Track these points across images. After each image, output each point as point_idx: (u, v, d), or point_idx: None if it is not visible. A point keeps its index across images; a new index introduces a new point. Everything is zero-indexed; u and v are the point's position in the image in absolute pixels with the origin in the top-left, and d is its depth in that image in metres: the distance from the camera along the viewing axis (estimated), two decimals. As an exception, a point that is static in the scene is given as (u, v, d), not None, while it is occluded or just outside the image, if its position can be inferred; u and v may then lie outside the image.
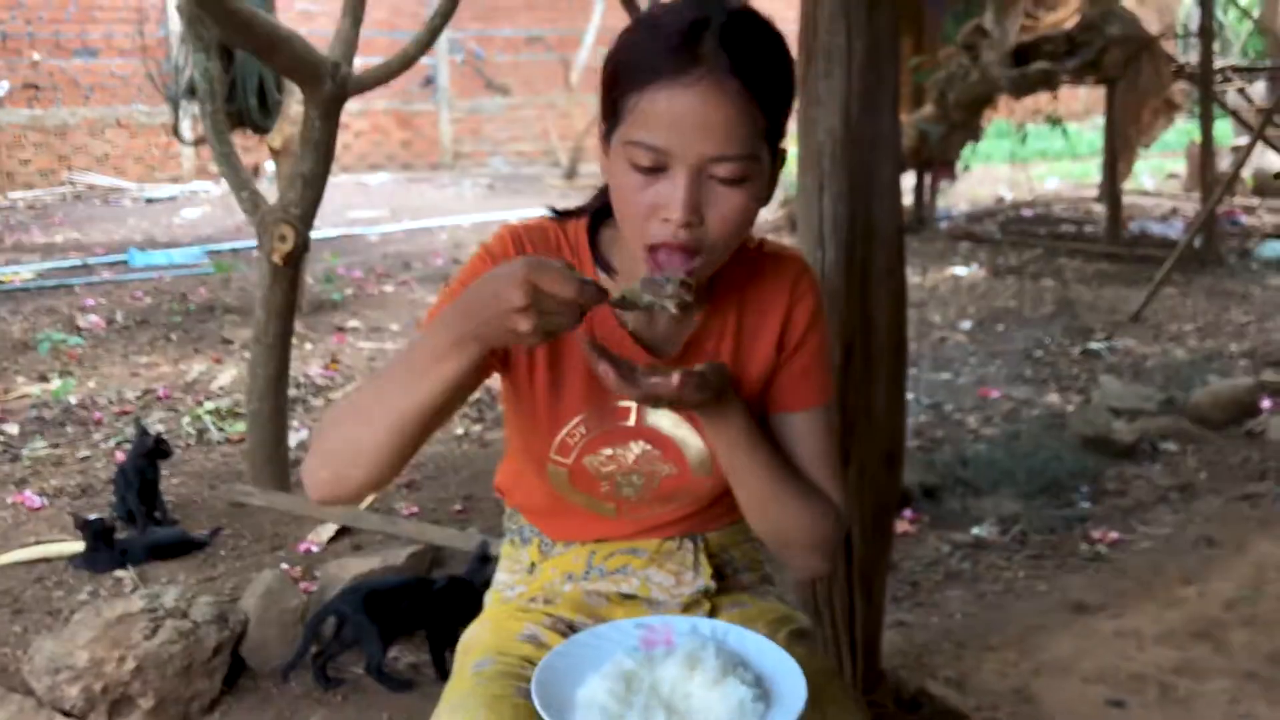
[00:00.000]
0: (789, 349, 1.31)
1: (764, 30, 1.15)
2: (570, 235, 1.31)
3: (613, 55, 1.17)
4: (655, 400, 1.13)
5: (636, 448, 1.31)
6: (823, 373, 1.34)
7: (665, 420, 1.31)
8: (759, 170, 1.16)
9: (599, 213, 1.31)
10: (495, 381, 1.36)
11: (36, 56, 11.59)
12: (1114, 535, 3.22)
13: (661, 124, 1.11)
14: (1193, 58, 7.83)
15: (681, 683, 1.13)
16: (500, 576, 1.48)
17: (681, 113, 1.10)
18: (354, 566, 2.78)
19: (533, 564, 1.42)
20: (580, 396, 1.28)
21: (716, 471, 1.31)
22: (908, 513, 3.31)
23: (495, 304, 1.03)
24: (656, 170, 1.13)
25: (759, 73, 1.13)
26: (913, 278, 6.74)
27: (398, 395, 1.13)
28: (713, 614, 1.38)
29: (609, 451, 1.31)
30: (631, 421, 1.30)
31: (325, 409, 1.12)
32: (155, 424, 4.10)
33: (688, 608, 1.37)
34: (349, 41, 3.27)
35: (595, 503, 1.35)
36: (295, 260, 3.27)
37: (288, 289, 3.31)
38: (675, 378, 1.11)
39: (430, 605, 2.52)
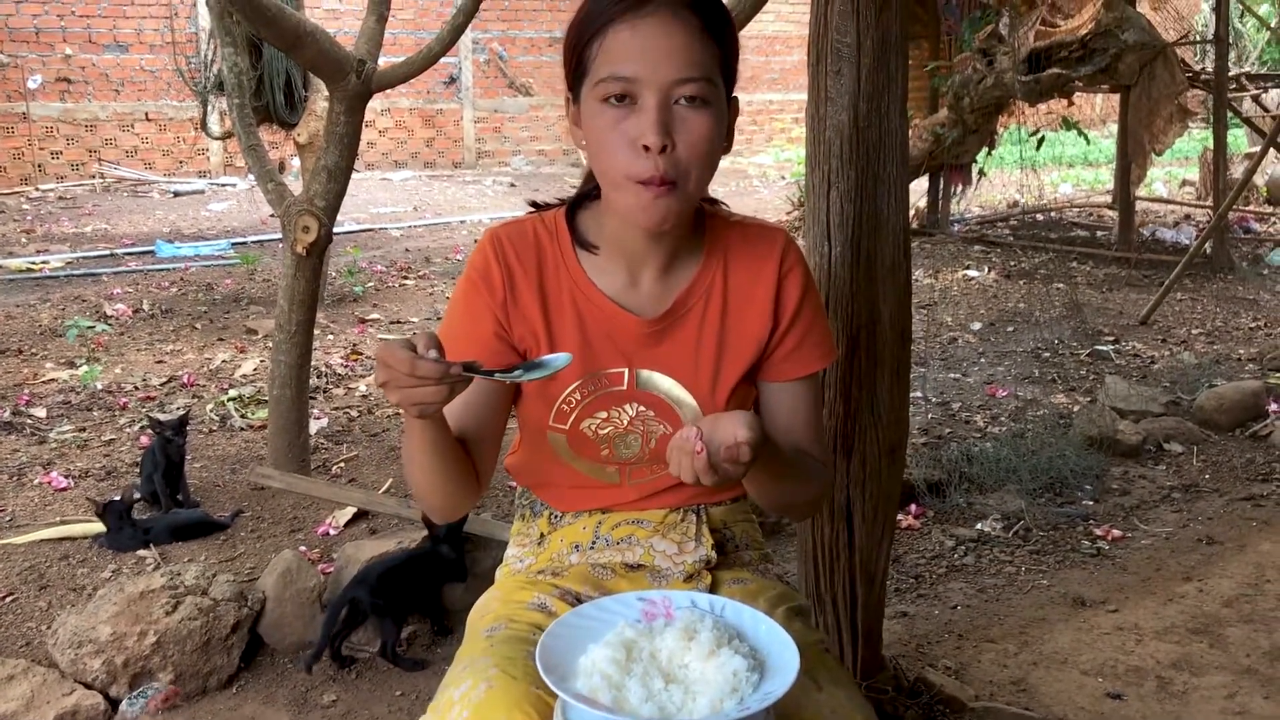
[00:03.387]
0: (782, 325, 1.39)
1: None
2: (550, 224, 1.39)
3: (573, 21, 1.27)
4: (728, 478, 1.19)
5: (631, 409, 1.38)
6: (815, 341, 1.41)
7: (661, 382, 1.37)
8: (719, 99, 1.25)
9: (577, 199, 1.40)
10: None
11: (69, 51, 11.75)
12: (1116, 532, 3.26)
13: (626, 55, 1.21)
14: (1208, 65, 7.84)
15: (679, 653, 1.17)
16: (510, 550, 1.54)
17: (643, 41, 1.21)
18: (370, 548, 2.84)
19: (542, 535, 1.48)
20: (575, 365, 1.35)
21: None
22: (913, 507, 3.36)
23: None
24: (626, 101, 1.22)
25: (708, 8, 1.24)
26: (925, 279, 6.78)
27: (410, 447, 1.28)
28: (714, 588, 1.43)
29: (604, 414, 1.37)
30: (625, 385, 1.37)
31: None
32: (178, 410, 4.18)
33: (690, 577, 1.42)
34: (374, 38, 3.34)
35: (597, 468, 1.42)
36: (318, 251, 3.34)
37: (310, 278, 3.39)
38: (744, 453, 1.15)
39: (439, 572, 2.62)
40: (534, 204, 1.45)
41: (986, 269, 7.33)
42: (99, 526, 3.13)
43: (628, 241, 1.34)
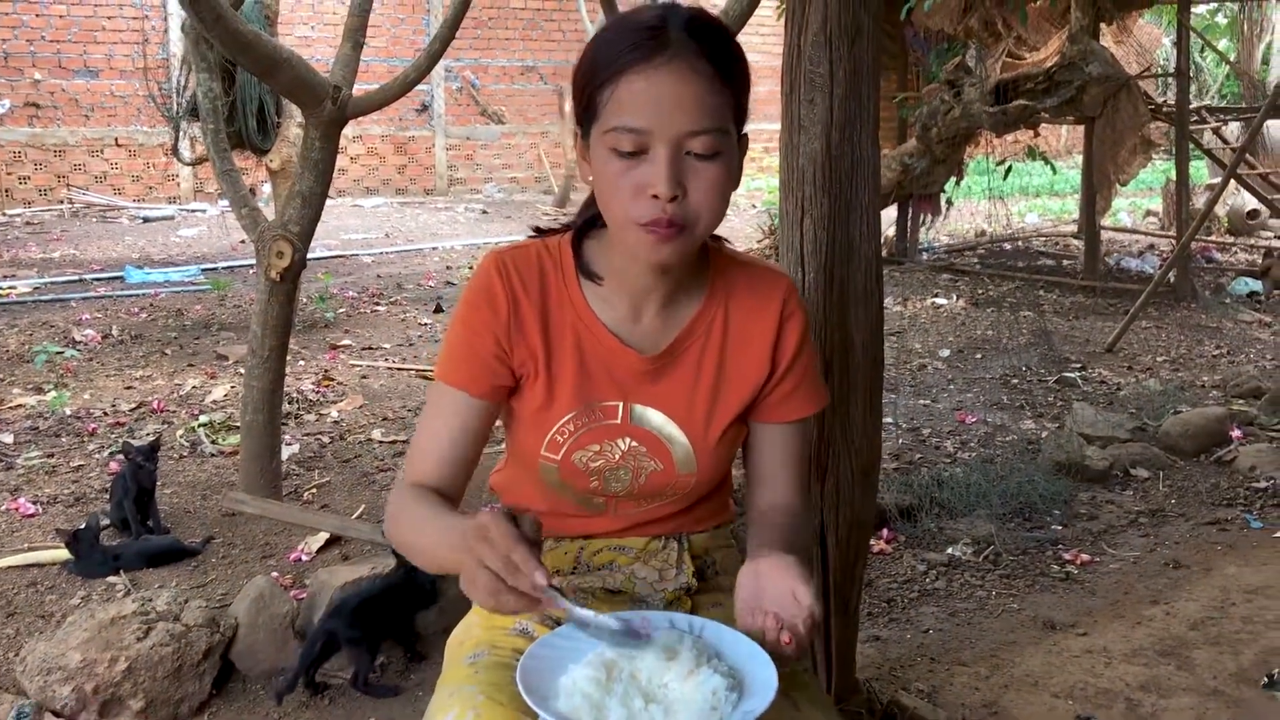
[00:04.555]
0: (779, 370, 1.39)
1: (719, 23, 1.27)
2: (554, 250, 1.38)
3: (584, 58, 1.25)
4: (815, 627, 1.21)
5: (623, 444, 1.37)
6: (809, 387, 1.42)
7: (654, 418, 1.37)
8: (730, 146, 1.24)
9: (584, 225, 1.39)
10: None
11: (38, 76, 11.69)
12: (1084, 557, 3.30)
13: (639, 105, 1.19)
14: (1170, 98, 8.01)
15: (659, 672, 1.17)
16: (489, 575, 1.54)
17: (657, 93, 1.19)
18: (344, 574, 2.83)
19: (523, 560, 1.49)
20: (571, 395, 1.35)
21: (700, 469, 1.39)
22: (885, 532, 3.38)
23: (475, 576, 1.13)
24: (638, 154, 1.20)
25: (721, 53, 1.22)
26: (894, 307, 6.85)
27: (425, 557, 1.31)
28: (693, 612, 1.43)
29: (596, 447, 1.37)
30: (619, 419, 1.37)
31: (389, 508, 1.32)
32: (148, 436, 4.15)
33: (670, 604, 1.43)
34: (350, 65, 3.35)
35: (586, 498, 1.41)
36: (292, 276, 3.34)
37: (284, 304, 3.38)
38: (818, 613, 1.19)
39: (413, 600, 2.62)
40: (537, 229, 1.44)
41: (955, 297, 7.42)
42: (67, 553, 3.09)
43: (632, 275, 1.33)
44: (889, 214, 8.35)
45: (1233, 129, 10.12)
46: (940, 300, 7.32)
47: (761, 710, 1.11)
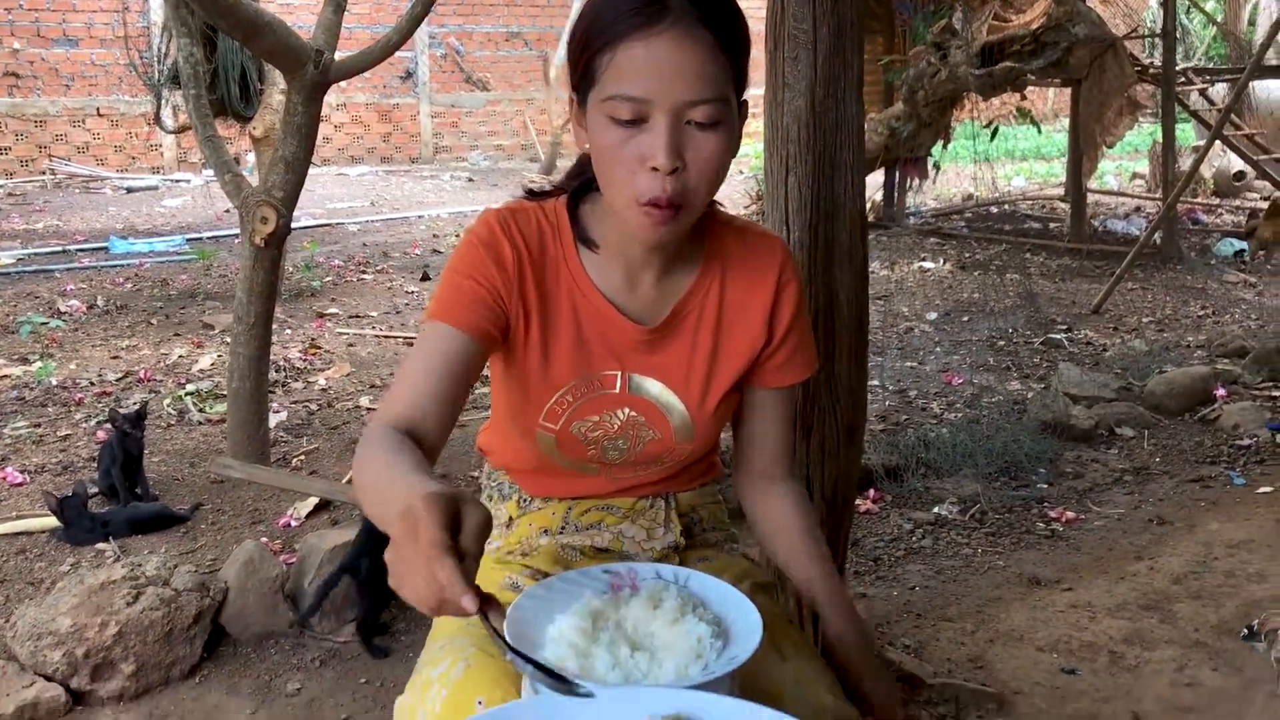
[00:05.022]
0: (775, 338, 1.38)
1: None
2: (550, 213, 1.34)
3: (581, 21, 1.22)
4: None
5: (622, 414, 1.36)
6: (803, 354, 1.41)
7: (652, 387, 1.36)
8: (731, 115, 1.21)
9: (579, 189, 1.36)
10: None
11: (17, 45, 11.56)
12: (1070, 514, 3.33)
13: (638, 74, 1.16)
14: (1157, 59, 7.99)
15: (645, 621, 1.18)
16: (479, 531, 1.54)
17: (657, 61, 1.15)
18: (333, 538, 2.84)
19: (510, 518, 1.47)
20: (569, 365, 1.33)
21: (697, 436, 1.38)
22: (871, 492, 3.41)
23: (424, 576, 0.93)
24: (636, 122, 1.17)
25: (722, 19, 1.19)
26: (881, 270, 6.86)
27: (367, 507, 1.14)
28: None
29: (595, 418, 1.35)
30: (618, 389, 1.35)
31: (357, 448, 1.20)
32: (135, 405, 4.14)
33: (657, 561, 1.43)
34: (331, 29, 3.33)
35: (581, 465, 1.40)
36: (277, 242, 3.32)
37: (269, 270, 3.37)
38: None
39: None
40: (530, 191, 1.40)
41: (942, 261, 7.43)
42: (56, 521, 3.10)
43: (628, 246, 1.30)
44: (876, 179, 8.35)
45: (1219, 90, 10.10)
46: (927, 264, 7.33)
47: (746, 657, 1.12)
